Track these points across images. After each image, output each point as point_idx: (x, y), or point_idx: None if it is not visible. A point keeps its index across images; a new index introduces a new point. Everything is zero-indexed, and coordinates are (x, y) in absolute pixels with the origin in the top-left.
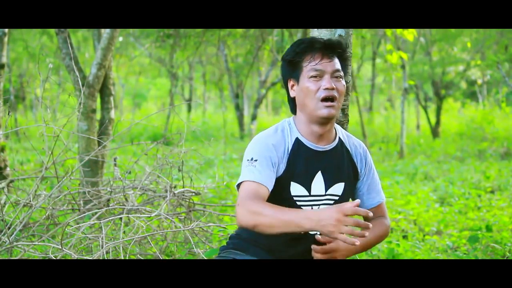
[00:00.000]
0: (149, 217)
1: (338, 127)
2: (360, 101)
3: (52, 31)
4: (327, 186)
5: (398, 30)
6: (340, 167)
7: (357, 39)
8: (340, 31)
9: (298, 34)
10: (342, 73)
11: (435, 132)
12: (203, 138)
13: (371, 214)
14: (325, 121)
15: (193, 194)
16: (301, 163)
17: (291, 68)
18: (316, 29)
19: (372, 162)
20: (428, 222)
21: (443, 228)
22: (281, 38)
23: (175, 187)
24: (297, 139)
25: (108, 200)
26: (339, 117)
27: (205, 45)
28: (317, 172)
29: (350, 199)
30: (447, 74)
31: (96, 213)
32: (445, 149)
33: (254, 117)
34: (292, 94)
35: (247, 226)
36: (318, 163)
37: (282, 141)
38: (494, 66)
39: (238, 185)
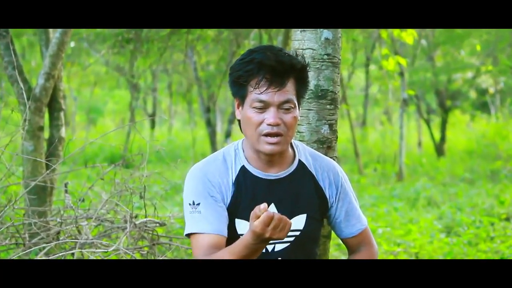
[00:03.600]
0: (106, 252)
1: (300, 146)
2: (352, 115)
3: None
4: None
5: (395, 32)
6: (300, 196)
7: (347, 43)
8: (326, 34)
9: (278, 37)
10: (293, 104)
11: (439, 150)
12: (168, 159)
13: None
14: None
15: (157, 225)
16: (248, 196)
17: (236, 87)
18: (299, 31)
19: (349, 185)
20: (433, 255)
21: None
22: (259, 42)
23: (136, 217)
24: (242, 168)
25: (58, 232)
26: (327, 133)
27: (170, 51)
28: (269, 205)
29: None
30: (453, 82)
31: (44, 248)
32: (452, 170)
33: (228, 134)
34: (237, 114)
35: None
36: (270, 194)
37: (224, 171)
38: (508, 72)
39: (188, 234)
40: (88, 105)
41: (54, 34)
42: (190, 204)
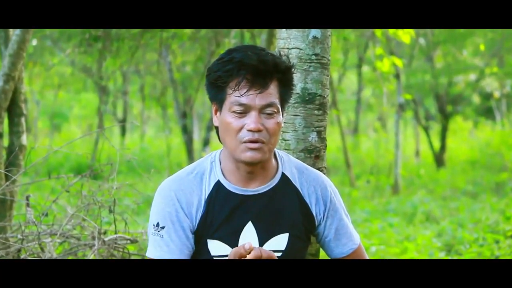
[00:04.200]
0: None
1: (285, 157)
2: (343, 121)
3: None
4: (263, 240)
5: (391, 30)
6: (282, 213)
7: (338, 42)
8: (314, 32)
9: (262, 35)
10: (276, 108)
11: (439, 160)
12: (141, 169)
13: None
14: (250, 165)
15: (129, 241)
16: (222, 214)
17: (214, 90)
18: (284, 30)
19: (340, 200)
20: None
21: None
22: (240, 41)
23: (105, 233)
24: (217, 183)
25: (19, 250)
26: (315, 142)
27: (143, 50)
28: (245, 224)
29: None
30: (455, 85)
31: None
32: (453, 182)
33: (206, 142)
34: (215, 121)
35: None
36: (247, 211)
37: (196, 187)
38: None
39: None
40: (52, 110)
41: (14, 31)
42: (154, 225)
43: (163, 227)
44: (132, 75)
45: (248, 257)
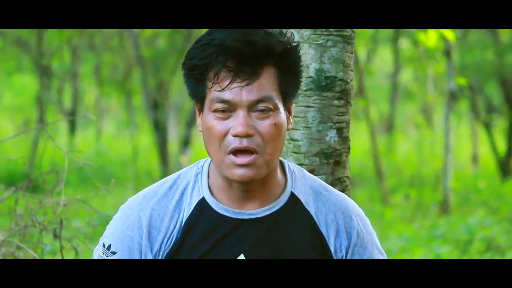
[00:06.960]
0: None
1: (298, 172)
2: (372, 114)
3: None
4: None
5: None
6: (287, 246)
7: None
8: None
9: None
10: (272, 104)
11: (505, 169)
12: (97, 180)
13: None
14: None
15: None
16: (205, 243)
17: (193, 84)
18: None
19: (372, 234)
20: None
21: None
22: None
23: None
24: (201, 202)
25: None
26: (334, 142)
27: None
28: (236, 257)
29: None
30: None
31: None
32: None
33: (186, 143)
34: (199, 125)
35: None
36: (240, 240)
37: (173, 207)
38: None
39: None
40: None
41: None
42: (104, 246)
43: (114, 253)
44: (85, 51)
45: None
